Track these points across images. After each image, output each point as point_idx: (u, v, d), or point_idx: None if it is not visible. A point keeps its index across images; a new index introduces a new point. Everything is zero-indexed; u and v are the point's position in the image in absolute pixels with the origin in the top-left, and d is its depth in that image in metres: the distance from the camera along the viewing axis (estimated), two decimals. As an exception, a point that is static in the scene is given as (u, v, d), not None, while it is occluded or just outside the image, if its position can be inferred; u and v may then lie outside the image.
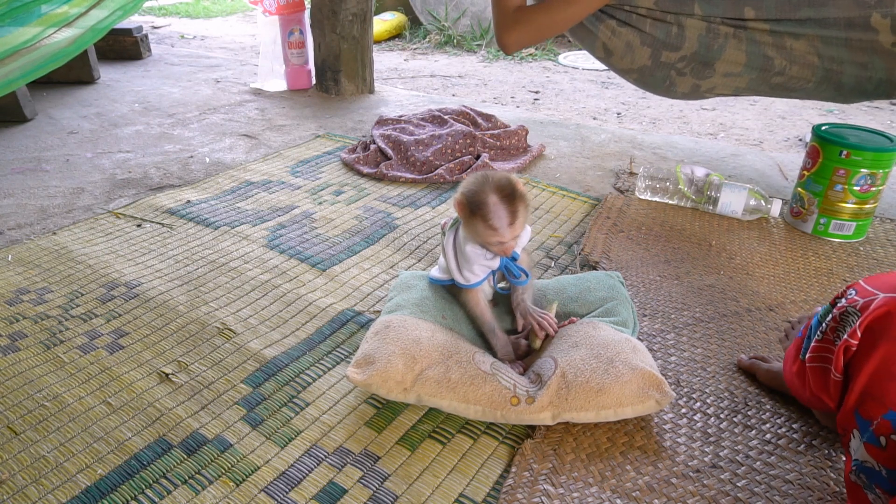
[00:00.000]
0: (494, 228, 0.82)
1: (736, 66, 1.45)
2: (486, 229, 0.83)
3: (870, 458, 0.61)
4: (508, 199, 0.82)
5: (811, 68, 1.40)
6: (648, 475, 0.75)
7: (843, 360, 0.64)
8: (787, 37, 1.37)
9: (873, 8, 1.28)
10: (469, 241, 0.90)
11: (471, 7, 3.69)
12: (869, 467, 0.61)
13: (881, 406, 0.60)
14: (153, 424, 0.83)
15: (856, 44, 1.33)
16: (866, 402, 0.61)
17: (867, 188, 1.25)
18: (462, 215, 0.86)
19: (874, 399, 0.60)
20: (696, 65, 1.47)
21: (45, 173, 1.65)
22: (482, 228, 0.83)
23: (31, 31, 1.35)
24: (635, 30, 1.45)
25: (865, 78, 1.38)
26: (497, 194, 0.82)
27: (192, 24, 4.32)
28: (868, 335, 0.61)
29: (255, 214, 1.42)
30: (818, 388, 0.69)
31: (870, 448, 0.61)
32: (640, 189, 1.50)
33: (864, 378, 0.61)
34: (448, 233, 0.95)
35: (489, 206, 0.82)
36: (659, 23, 1.43)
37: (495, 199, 0.82)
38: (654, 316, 1.06)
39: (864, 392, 0.61)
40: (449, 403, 0.81)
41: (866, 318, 0.61)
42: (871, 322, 0.61)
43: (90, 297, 1.11)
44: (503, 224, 0.82)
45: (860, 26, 1.31)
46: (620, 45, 1.48)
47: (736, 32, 1.40)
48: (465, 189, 0.85)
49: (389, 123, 1.88)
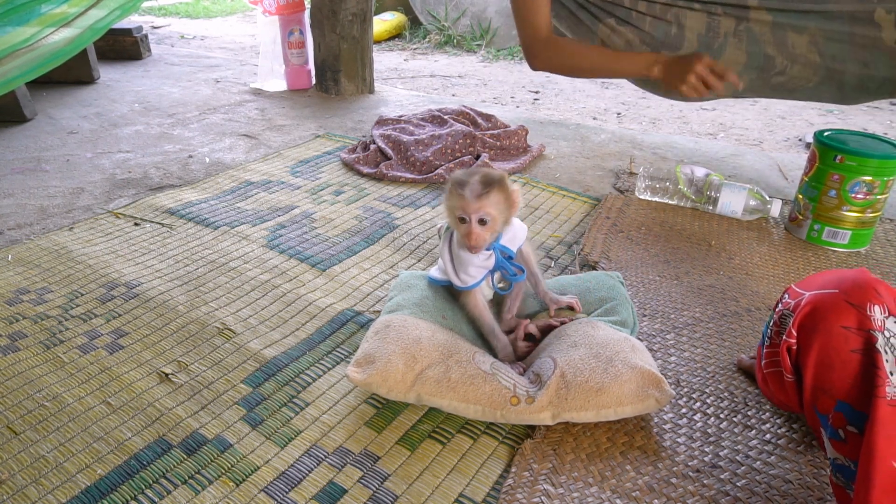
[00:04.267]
0: (460, 195, 0.84)
1: (736, 65, 1.43)
2: (455, 199, 0.84)
3: (838, 455, 0.63)
4: (485, 178, 0.85)
5: (813, 67, 1.38)
6: (648, 475, 0.75)
7: (790, 360, 0.68)
8: (789, 31, 1.35)
9: (877, 3, 1.26)
10: (461, 242, 0.90)
11: (471, 7, 3.69)
12: (840, 464, 0.63)
13: (830, 398, 0.63)
14: (153, 424, 0.83)
15: (859, 40, 1.30)
16: (819, 397, 0.65)
17: (864, 196, 1.22)
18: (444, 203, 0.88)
19: (824, 392, 0.64)
20: None
21: (45, 173, 1.65)
22: (452, 201, 0.85)
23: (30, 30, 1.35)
24: (635, 28, 1.44)
25: (868, 76, 1.36)
26: (469, 175, 0.86)
27: (192, 24, 4.32)
28: (802, 333, 0.66)
29: (255, 214, 1.42)
30: (778, 392, 0.73)
31: (834, 443, 0.63)
32: (639, 189, 1.50)
33: (810, 373, 0.65)
34: (444, 236, 0.95)
35: (461, 179, 0.85)
36: (659, 21, 1.42)
37: (464, 176, 0.86)
38: (653, 316, 1.06)
39: (815, 387, 0.65)
40: (449, 403, 0.81)
41: (797, 317, 0.67)
42: (802, 319, 0.66)
43: (90, 297, 1.11)
44: (470, 193, 0.83)
45: (864, 21, 1.28)
46: (620, 43, 1.48)
47: (737, 30, 1.38)
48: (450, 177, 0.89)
49: (389, 123, 1.88)
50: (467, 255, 0.89)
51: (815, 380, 0.65)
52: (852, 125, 2.37)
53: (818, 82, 1.42)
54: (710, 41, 1.41)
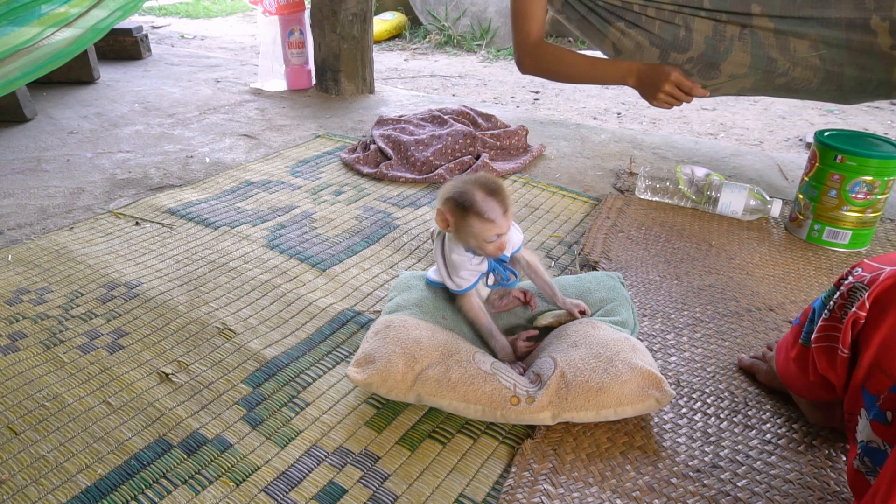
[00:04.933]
0: (491, 220, 0.83)
1: (741, 67, 1.46)
2: (483, 223, 0.83)
3: (875, 437, 0.62)
4: (496, 192, 0.84)
5: (813, 69, 1.42)
6: (648, 475, 0.75)
7: (852, 334, 0.65)
8: (791, 37, 1.39)
9: (873, 11, 1.29)
10: (455, 248, 0.89)
11: (471, 7, 3.69)
12: (874, 448, 0.62)
13: (888, 378, 0.61)
14: (153, 424, 0.83)
15: (856, 45, 1.34)
16: (874, 376, 0.63)
17: (865, 196, 1.22)
18: (453, 219, 0.85)
19: (882, 371, 0.62)
20: (703, 66, 1.49)
21: (45, 173, 1.65)
22: (478, 225, 0.83)
23: (31, 31, 1.35)
24: (644, 31, 1.48)
25: (865, 79, 1.40)
26: (483, 189, 0.84)
27: (192, 24, 4.32)
28: (876, 307, 0.63)
29: (255, 214, 1.42)
30: (824, 368, 0.70)
31: (876, 426, 0.62)
32: (640, 189, 1.50)
33: (872, 350, 0.63)
34: (436, 241, 0.95)
35: (480, 201, 0.83)
36: (668, 25, 1.45)
37: (483, 193, 0.83)
38: (654, 316, 1.06)
39: (873, 364, 0.63)
40: (449, 403, 0.81)
41: (874, 290, 0.63)
42: (880, 294, 0.63)
43: (90, 297, 1.11)
44: (498, 214, 0.83)
45: (860, 28, 1.32)
46: (630, 45, 1.51)
47: (741, 33, 1.42)
48: (450, 193, 0.85)
49: (389, 123, 1.88)
50: (460, 259, 0.89)
51: (875, 357, 0.63)
52: (853, 125, 2.37)
53: (819, 84, 1.45)
54: (717, 44, 1.44)
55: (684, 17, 1.44)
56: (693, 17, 1.43)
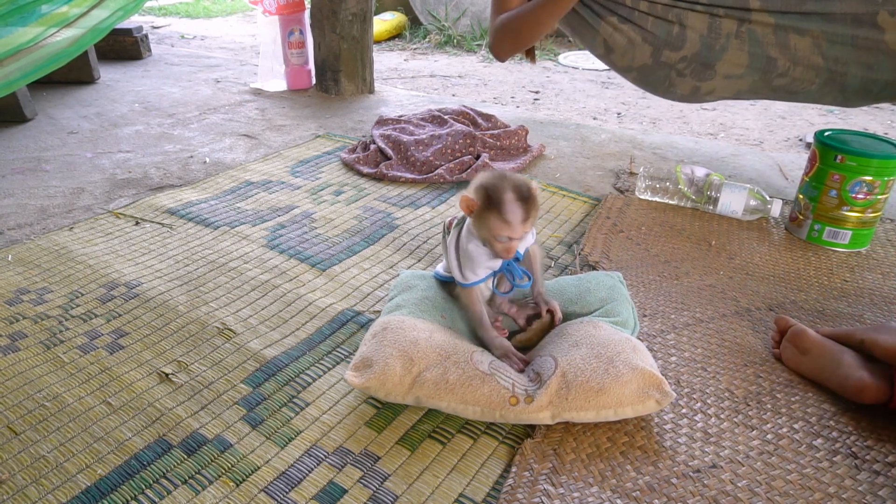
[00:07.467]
0: (508, 222, 0.83)
1: (738, 67, 1.42)
2: (500, 222, 0.84)
3: None
4: (525, 199, 0.84)
5: (815, 69, 1.37)
6: (649, 475, 0.75)
7: None
8: (792, 34, 1.34)
9: (881, 5, 1.25)
10: (472, 238, 0.90)
11: (471, 7, 3.69)
12: None
13: None
14: (153, 424, 0.83)
15: (862, 43, 1.29)
16: None
17: (865, 196, 1.22)
18: (477, 206, 0.86)
19: None
20: (697, 66, 1.45)
21: (45, 173, 1.65)
22: (495, 221, 0.84)
23: (32, 31, 1.35)
24: (637, 27, 1.44)
25: (871, 80, 1.35)
26: (515, 192, 0.84)
27: (192, 24, 4.32)
28: None
29: (255, 214, 1.42)
30: None
31: None
32: (640, 189, 1.50)
33: None
34: (453, 231, 0.95)
35: (506, 201, 0.83)
36: (661, 21, 1.42)
37: (512, 195, 0.84)
38: (654, 316, 1.06)
39: None
40: (448, 405, 0.82)
41: None
42: None
43: (90, 297, 1.11)
44: (516, 219, 0.83)
45: (867, 24, 1.27)
46: (622, 41, 1.48)
47: (738, 31, 1.37)
48: (483, 182, 0.86)
49: (389, 123, 1.88)
50: (476, 254, 0.89)
51: None
52: (853, 125, 2.37)
53: (820, 84, 1.41)
54: (713, 42, 1.40)
55: (678, 12, 1.39)
56: (688, 11, 1.38)
